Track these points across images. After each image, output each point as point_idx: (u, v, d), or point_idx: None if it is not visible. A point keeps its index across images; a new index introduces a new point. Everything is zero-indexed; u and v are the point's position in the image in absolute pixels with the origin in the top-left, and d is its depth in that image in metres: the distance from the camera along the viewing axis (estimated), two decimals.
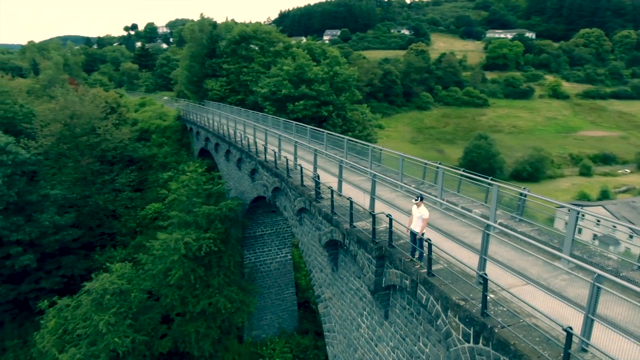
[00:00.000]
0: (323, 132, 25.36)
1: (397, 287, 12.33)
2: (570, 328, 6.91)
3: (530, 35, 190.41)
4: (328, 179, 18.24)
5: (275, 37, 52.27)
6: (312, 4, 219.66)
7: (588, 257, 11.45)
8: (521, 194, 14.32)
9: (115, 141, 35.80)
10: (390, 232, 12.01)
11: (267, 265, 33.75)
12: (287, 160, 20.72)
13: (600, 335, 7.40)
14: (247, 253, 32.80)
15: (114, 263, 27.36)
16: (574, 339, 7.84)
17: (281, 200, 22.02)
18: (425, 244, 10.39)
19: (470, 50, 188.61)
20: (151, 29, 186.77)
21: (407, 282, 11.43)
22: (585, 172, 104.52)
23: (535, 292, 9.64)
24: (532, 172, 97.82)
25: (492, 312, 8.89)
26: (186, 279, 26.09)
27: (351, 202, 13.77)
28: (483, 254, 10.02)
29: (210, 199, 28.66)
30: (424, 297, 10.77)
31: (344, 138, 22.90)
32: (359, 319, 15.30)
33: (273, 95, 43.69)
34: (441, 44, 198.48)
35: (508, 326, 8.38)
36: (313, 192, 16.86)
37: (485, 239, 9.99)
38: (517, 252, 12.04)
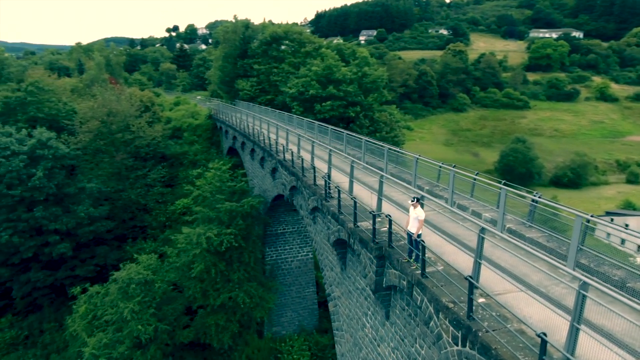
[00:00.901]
0: (343, 132, 25.46)
1: (397, 288, 12.34)
2: (544, 334, 6.79)
3: (578, 34, 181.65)
4: (343, 179, 18.39)
5: (306, 37, 52.80)
6: (348, 4, 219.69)
7: (595, 266, 11.04)
8: (533, 200, 13.96)
9: (148, 138, 37.43)
10: (390, 233, 12.05)
11: (289, 263, 34.24)
12: (302, 159, 21.05)
13: (590, 345, 7.20)
14: (268, 250, 33.43)
15: (141, 254, 28.66)
16: (560, 347, 7.70)
17: (298, 199, 22.36)
18: (421, 245, 10.37)
19: (511, 51, 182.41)
20: (191, 30, 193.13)
21: (405, 283, 11.44)
22: (633, 180, 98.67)
23: (531, 299, 9.49)
24: (573, 178, 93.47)
25: (479, 316, 8.80)
26: (207, 272, 26.97)
27: (355, 202, 13.89)
28: (477, 257, 9.91)
29: (233, 196, 29.45)
30: (419, 298, 10.76)
31: (361, 139, 22.92)
32: (364, 319, 15.38)
33: (301, 96, 44.19)
34: (481, 44, 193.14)
35: (493, 331, 8.29)
36: (324, 192, 17.07)
37: (480, 243, 9.87)
38: (519, 257, 11.82)
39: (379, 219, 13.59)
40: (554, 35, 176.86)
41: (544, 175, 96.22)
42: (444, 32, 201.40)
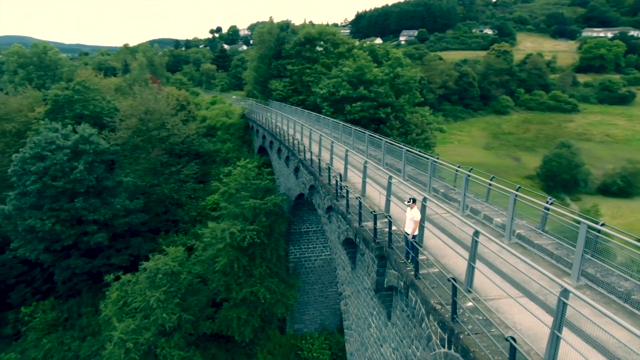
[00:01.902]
0: (365, 133, 25.52)
1: (397, 288, 12.35)
2: (513, 339, 6.69)
3: (636, 33, 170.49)
4: (359, 180, 18.46)
5: (339, 38, 53.04)
6: (389, 4, 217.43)
7: (602, 276, 10.59)
8: (546, 208, 13.55)
9: (182, 136, 38.99)
10: (390, 233, 12.08)
11: (312, 262, 34.61)
12: (319, 159, 21.31)
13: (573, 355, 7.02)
14: (292, 248, 33.96)
15: (170, 247, 29.98)
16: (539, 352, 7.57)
17: (316, 198, 22.66)
18: (415, 246, 10.38)
19: (561, 51, 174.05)
20: (234, 31, 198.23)
21: (402, 283, 11.46)
22: None
23: (527, 305, 9.32)
24: (623, 186, 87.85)
25: (465, 319, 8.74)
26: (230, 266, 27.83)
27: (360, 203, 14.00)
28: (471, 261, 9.81)
29: (257, 193, 30.16)
30: (414, 299, 10.76)
31: (381, 139, 22.89)
32: (370, 319, 15.44)
33: (331, 96, 44.45)
34: (528, 44, 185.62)
35: (475, 334, 8.21)
36: (335, 191, 17.27)
37: (473, 246, 9.76)
38: (524, 264, 11.54)
39: (385, 220, 13.63)
40: (609, 35, 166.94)
41: (590, 183, 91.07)
42: (489, 31, 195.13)
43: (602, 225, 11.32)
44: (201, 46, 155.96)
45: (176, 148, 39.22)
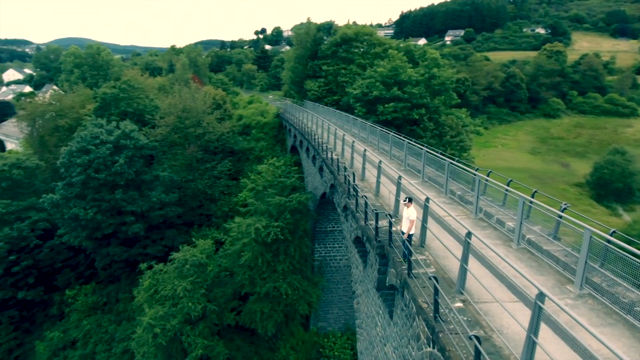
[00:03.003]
0: (389, 133, 25.45)
1: (397, 287, 12.35)
2: (477, 337, 6.64)
3: None
4: (383, 180, 18.36)
5: (376, 39, 52.80)
6: (435, 3, 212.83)
7: (608, 286, 10.14)
8: (560, 215, 13.08)
9: (217, 133, 40.38)
10: (390, 233, 12.10)
11: (337, 261, 34.80)
12: (338, 158, 21.49)
13: None
14: (317, 247, 34.30)
15: (199, 239, 31.23)
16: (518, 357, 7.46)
17: (336, 197, 22.86)
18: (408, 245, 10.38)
19: (621, 51, 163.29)
20: (277, 32, 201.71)
21: (399, 282, 11.47)
22: None
23: (522, 310, 9.15)
24: None
25: (449, 319, 8.69)
26: (255, 261, 28.59)
27: (366, 202, 14.08)
28: (463, 262, 9.72)
29: (284, 191, 30.78)
30: (407, 298, 10.76)
31: (404, 140, 22.79)
32: (377, 318, 15.47)
33: (364, 97, 44.37)
34: (584, 44, 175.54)
35: (455, 334, 8.18)
36: (347, 190, 17.42)
37: (466, 247, 9.67)
38: (528, 269, 11.26)
39: (393, 219, 13.64)
40: None
41: None
42: (541, 31, 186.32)
43: (613, 233, 10.83)
44: (246, 47, 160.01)
45: (211, 145, 40.65)
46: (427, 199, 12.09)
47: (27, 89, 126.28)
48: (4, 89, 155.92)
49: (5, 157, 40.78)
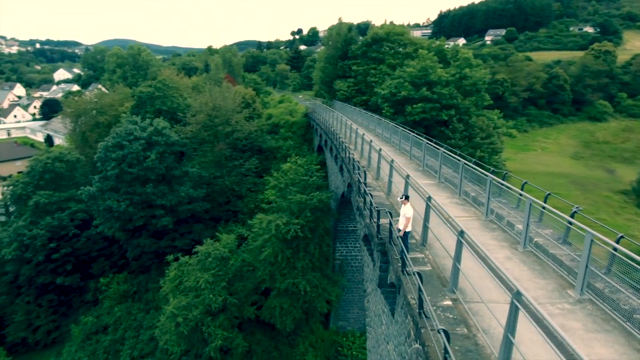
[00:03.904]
0: (410, 133, 25.26)
1: (396, 285, 12.36)
2: (445, 331, 6.65)
3: None
4: (397, 179, 18.37)
5: (407, 38, 52.25)
6: (476, 2, 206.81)
7: (610, 292, 9.78)
8: (572, 213, 12.70)
9: (245, 132, 41.34)
10: (390, 230, 12.11)
11: (358, 260, 34.78)
12: (353, 157, 21.58)
13: None
14: (339, 246, 34.43)
15: (223, 234, 32.13)
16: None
17: (352, 196, 22.95)
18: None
19: None
20: (314, 33, 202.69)
21: (395, 279, 11.49)
22: None
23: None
24: None
25: (436, 316, 8.69)
26: (275, 257, 29.10)
27: (370, 200, 14.14)
28: (456, 261, 9.67)
29: (306, 189, 31.12)
30: (402, 295, 10.77)
31: (422, 140, 22.58)
32: (382, 316, 15.48)
33: (392, 97, 44.03)
34: (637, 44, 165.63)
35: (435, 331, 8.16)
36: (357, 189, 17.51)
37: (459, 247, 9.62)
38: (531, 272, 11.02)
39: (395, 219, 13.65)
40: None
41: None
42: (590, 29, 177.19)
43: (621, 238, 10.43)
44: (282, 47, 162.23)
45: (239, 143, 41.64)
46: (429, 198, 12.04)
47: (75, 87, 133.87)
48: (55, 87, 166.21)
49: (50, 151, 43.58)
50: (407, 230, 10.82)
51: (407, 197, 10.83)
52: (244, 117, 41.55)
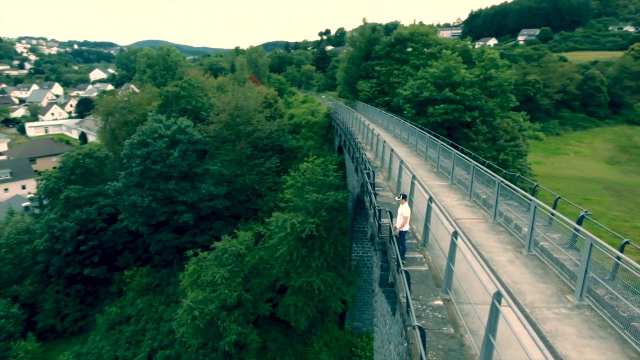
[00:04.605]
0: (425, 134, 25.08)
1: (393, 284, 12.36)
2: (420, 328, 6.68)
3: None
4: (406, 180, 18.35)
5: (432, 39, 51.62)
6: (508, 1, 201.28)
7: (610, 299, 9.50)
8: (582, 216, 12.40)
9: (266, 131, 41.92)
10: (391, 230, 12.11)
11: (373, 261, 34.60)
12: (364, 157, 21.60)
13: None
14: (355, 246, 34.41)
15: (240, 231, 32.71)
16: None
17: (365, 196, 22.97)
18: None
19: None
20: (341, 33, 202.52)
21: (393, 278, 11.51)
22: None
23: (509, 315, 8.97)
24: None
25: (423, 315, 8.73)
26: (290, 255, 29.41)
27: (371, 198, 14.17)
28: (449, 261, 9.64)
29: (322, 189, 31.28)
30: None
31: (437, 141, 22.40)
32: (387, 316, 15.45)
33: (414, 98, 43.64)
34: None
35: (425, 329, 8.18)
36: (364, 189, 17.55)
37: (452, 247, 9.57)
38: (532, 276, 10.81)
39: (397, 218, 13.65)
40: None
41: None
42: (630, 29, 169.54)
43: (626, 244, 10.12)
44: (309, 48, 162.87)
45: (260, 142, 42.26)
46: (430, 199, 11.98)
47: (109, 87, 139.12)
48: (90, 87, 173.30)
49: (80, 148, 45.54)
50: (404, 229, 10.82)
51: (404, 197, 10.83)
52: (265, 117, 42.11)
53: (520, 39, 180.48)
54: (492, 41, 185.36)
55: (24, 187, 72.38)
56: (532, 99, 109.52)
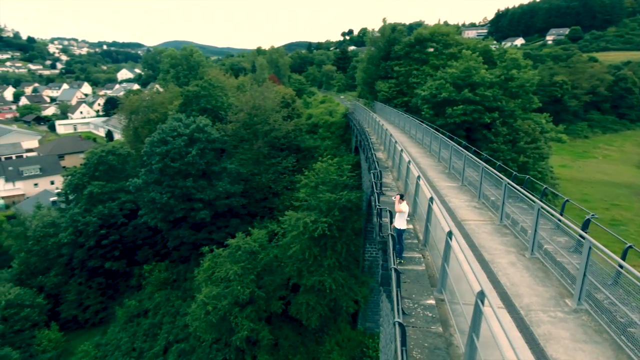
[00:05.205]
0: (439, 135, 24.89)
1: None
2: (400, 324, 6.74)
3: None
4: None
5: (452, 39, 50.97)
6: (537, 0, 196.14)
7: (609, 304, 9.29)
8: (587, 219, 12.16)
9: (283, 131, 42.30)
10: (390, 229, 12.14)
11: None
12: (374, 156, 21.59)
13: None
14: (369, 247, 34.34)
15: (255, 229, 33.14)
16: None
17: (372, 197, 22.96)
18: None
19: None
20: (364, 33, 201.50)
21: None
22: None
23: (503, 317, 8.94)
24: None
25: (413, 313, 8.78)
26: (302, 254, 29.64)
27: (372, 197, 14.20)
28: (444, 261, 9.63)
29: (336, 189, 31.36)
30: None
31: (449, 143, 22.23)
32: (390, 315, 15.45)
33: (433, 99, 43.19)
34: None
35: (412, 327, 8.26)
36: (372, 189, 17.60)
37: (446, 247, 9.56)
38: (532, 279, 10.67)
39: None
40: None
41: None
42: None
43: (629, 248, 9.88)
44: (332, 48, 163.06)
45: (277, 142, 42.66)
46: (431, 199, 11.94)
47: (136, 86, 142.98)
48: (117, 86, 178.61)
49: (104, 145, 47.04)
50: (402, 228, 10.85)
51: (402, 196, 10.85)
52: (282, 117, 42.49)
53: (549, 38, 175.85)
54: (519, 41, 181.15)
55: (52, 183, 75.29)
56: (559, 101, 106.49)
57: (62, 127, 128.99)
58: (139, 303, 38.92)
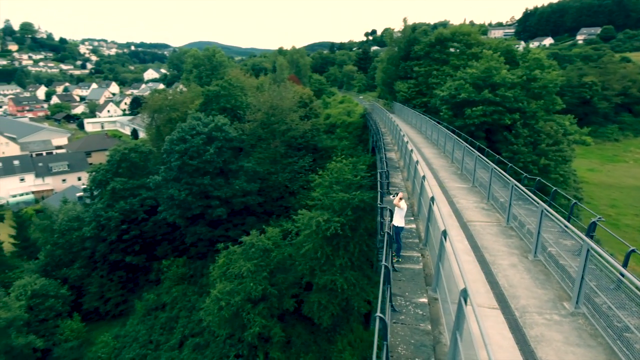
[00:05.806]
0: (453, 136, 24.67)
1: None
2: (381, 318, 6.82)
3: None
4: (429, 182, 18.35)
5: (474, 38, 50.18)
6: None
7: (607, 308, 9.10)
8: (592, 222, 11.94)
9: (300, 130, 42.61)
10: (390, 227, 12.16)
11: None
12: (384, 156, 21.55)
13: None
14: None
15: (269, 227, 33.50)
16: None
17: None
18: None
19: None
20: (387, 33, 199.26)
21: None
22: None
23: (497, 318, 8.99)
24: None
25: (404, 310, 8.84)
26: (315, 253, 29.80)
27: (382, 197, 14.21)
28: (438, 260, 9.63)
29: (350, 189, 31.38)
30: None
31: (462, 144, 21.99)
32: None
33: (452, 99, 42.65)
34: None
35: (402, 324, 8.36)
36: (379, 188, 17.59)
37: (441, 246, 9.55)
38: (532, 281, 10.54)
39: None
40: None
41: None
42: None
43: (632, 252, 9.65)
44: (354, 49, 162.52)
45: (294, 141, 43.00)
46: (432, 199, 11.91)
47: (161, 86, 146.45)
48: (143, 86, 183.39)
49: (127, 142, 48.41)
50: (400, 225, 10.89)
51: (396, 194, 10.87)
52: (299, 116, 42.79)
53: (579, 38, 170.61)
54: (548, 40, 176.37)
55: (79, 179, 77.99)
56: (588, 102, 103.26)
57: (90, 125, 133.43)
58: (157, 297, 39.92)
